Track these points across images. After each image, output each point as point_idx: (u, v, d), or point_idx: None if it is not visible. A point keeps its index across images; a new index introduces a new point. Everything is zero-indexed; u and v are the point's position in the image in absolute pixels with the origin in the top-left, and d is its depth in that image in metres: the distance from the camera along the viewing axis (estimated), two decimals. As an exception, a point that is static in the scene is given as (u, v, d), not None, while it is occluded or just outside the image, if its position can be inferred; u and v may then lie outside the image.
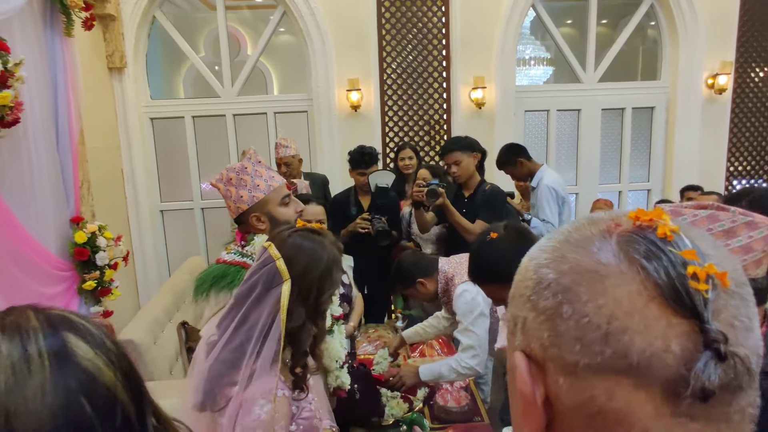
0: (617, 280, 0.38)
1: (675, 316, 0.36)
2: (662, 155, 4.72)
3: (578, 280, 0.40)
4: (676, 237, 0.39)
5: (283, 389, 1.13)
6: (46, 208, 2.33)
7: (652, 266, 0.38)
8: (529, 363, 0.42)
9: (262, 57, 4.78)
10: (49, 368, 0.47)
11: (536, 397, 0.41)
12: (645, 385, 0.36)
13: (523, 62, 5.98)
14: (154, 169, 4.44)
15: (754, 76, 4.51)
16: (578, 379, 0.39)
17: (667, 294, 0.37)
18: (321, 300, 1.18)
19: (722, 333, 0.35)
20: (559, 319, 0.40)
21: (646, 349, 0.36)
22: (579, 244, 0.42)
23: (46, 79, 2.38)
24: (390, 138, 4.41)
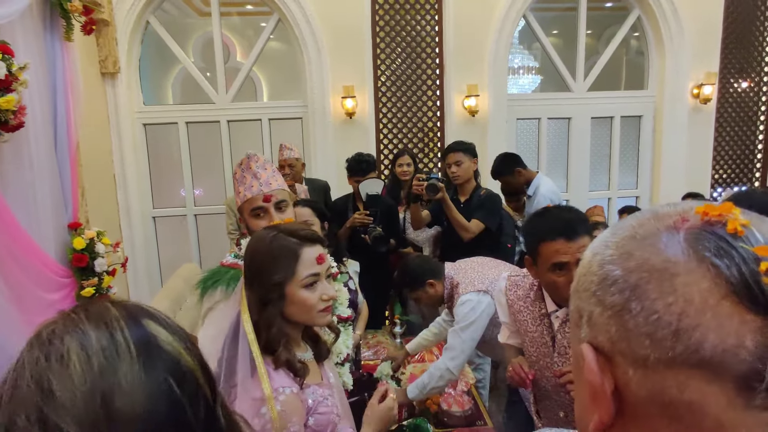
0: (687, 278, 0.39)
1: (748, 312, 0.37)
2: (650, 162, 4.83)
3: (647, 278, 0.40)
4: (747, 232, 0.39)
5: (291, 386, 1.13)
6: (46, 213, 2.30)
7: (724, 263, 0.38)
8: (597, 354, 0.43)
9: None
10: (136, 351, 0.49)
11: (605, 387, 0.43)
12: (718, 379, 0.37)
13: (513, 71, 6.08)
14: (147, 175, 4.40)
15: (737, 86, 4.66)
16: (649, 371, 0.40)
17: (740, 291, 0.37)
18: (264, 289, 1.17)
19: None
20: (628, 315, 0.41)
21: (719, 345, 0.37)
22: (646, 241, 0.42)
23: (45, 83, 2.36)
24: (384, 145, 4.44)
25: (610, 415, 0.43)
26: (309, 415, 1.17)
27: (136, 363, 0.48)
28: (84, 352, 0.47)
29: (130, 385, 0.47)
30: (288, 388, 1.13)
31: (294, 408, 1.12)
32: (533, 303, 1.65)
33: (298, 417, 1.13)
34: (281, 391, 1.11)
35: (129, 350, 0.49)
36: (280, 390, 1.11)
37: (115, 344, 0.48)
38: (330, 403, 1.22)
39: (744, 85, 4.66)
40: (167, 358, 0.51)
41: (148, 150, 4.39)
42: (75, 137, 2.57)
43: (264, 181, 1.61)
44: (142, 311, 0.54)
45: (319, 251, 1.23)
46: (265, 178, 1.62)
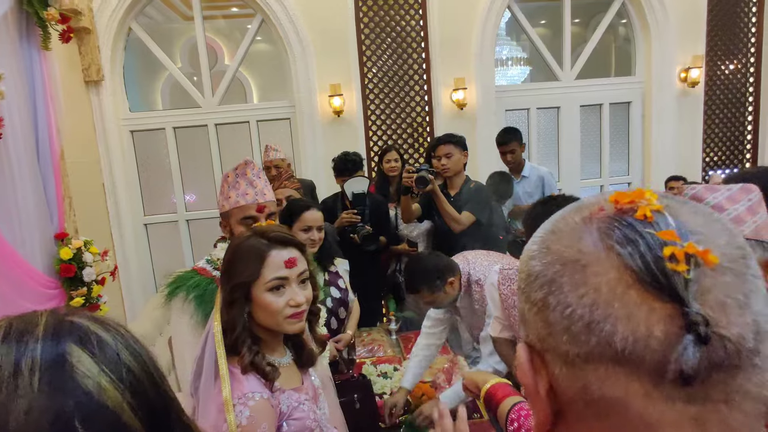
0: (597, 268, 0.38)
1: (656, 300, 0.35)
2: (640, 148, 4.83)
3: (561, 271, 0.40)
4: (658, 217, 0.38)
5: (261, 392, 1.11)
6: (31, 225, 2.28)
7: (627, 251, 0.37)
8: (531, 354, 0.43)
9: (241, 66, 4.75)
10: (38, 384, 0.44)
11: (539, 388, 0.42)
12: (633, 371, 0.36)
13: (501, 63, 6.06)
14: (136, 182, 4.37)
15: (724, 69, 4.65)
16: (573, 368, 0.39)
17: (645, 279, 0.36)
18: (228, 288, 1.16)
19: (702, 315, 0.34)
20: (548, 310, 0.40)
21: (630, 336, 0.36)
22: (562, 234, 0.42)
23: (24, 93, 2.33)
24: (374, 142, 4.42)
25: (547, 417, 0.42)
26: (283, 421, 1.15)
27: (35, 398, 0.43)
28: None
29: (20, 424, 0.42)
30: (258, 393, 1.10)
31: (264, 414, 1.09)
32: None
33: (269, 423, 1.10)
34: (250, 396, 1.09)
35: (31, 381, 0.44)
36: (249, 395, 1.08)
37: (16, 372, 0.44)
38: (306, 408, 1.19)
39: (731, 67, 4.65)
40: (80, 393, 0.45)
41: (137, 157, 4.36)
42: (58, 147, 2.55)
43: (259, 190, 1.60)
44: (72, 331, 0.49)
45: (290, 254, 1.18)
46: (260, 188, 1.60)
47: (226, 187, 1.61)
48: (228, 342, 1.13)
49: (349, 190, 2.97)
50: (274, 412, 1.13)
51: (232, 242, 1.23)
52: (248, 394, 1.08)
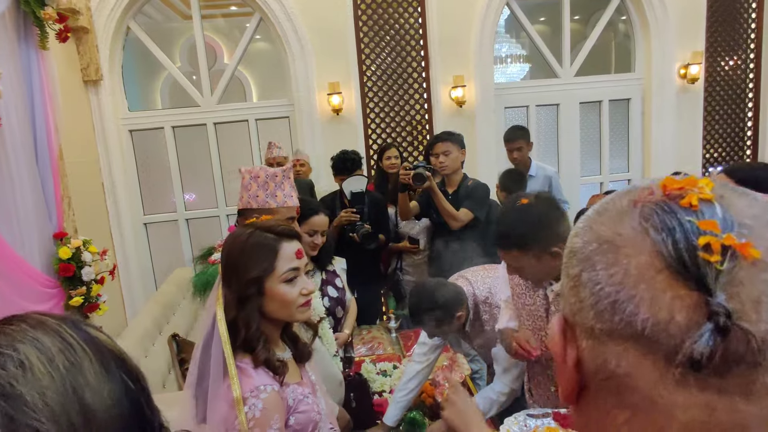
0: (629, 250, 0.39)
1: (683, 288, 0.36)
2: (640, 145, 4.82)
3: (597, 249, 0.41)
4: (705, 206, 0.38)
5: (272, 384, 1.13)
6: (29, 225, 2.28)
7: (661, 237, 0.37)
8: (564, 325, 0.44)
9: (240, 65, 4.75)
10: (90, 351, 0.49)
11: (567, 358, 0.43)
12: (650, 352, 0.37)
13: (500, 60, 6.06)
14: (136, 181, 4.38)
15: (723, 65, 4.64)
16: (597, 343, 0.40)
17: (675, 266, 0.36)
18: (241, 285, 1.17)
19: (725, 307, 0.34)
20: (581, 285, 0.41)
21: (651, 318, 0.36)
22: (606, 215, 0.42)
23: (22, 92, 2.33)
24: (373, 140, 4.42)
25: (573, 387, 0.43)
26: (290, 415, 1.17)
27: (95, 362, 0.48)
28: (44, 355, 0.47)
29: (96, 382, 0.47)
30: (269, 385, 1.12)
31: (276, 406, 1.11)
32: None
33: (280, 415, 1.12)
34: (263, 389, 1.10)
35: (84, 350, 0.49)
36: (261, 388, 1.10)
37: (70, 346, 0.48)
38: (310, 401, 1.21)
39: (731, 63, 4.64)
40: (115, 357, 0.51)
41: (136, 156, 4.36)
42: (56, 146, 2.55)
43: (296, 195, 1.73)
44: (77, 319, 0.54)
45: (297, 246, 1.23)
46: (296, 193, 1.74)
47: (273, 185, 1.66)
48: (240, 339, 1.14)
49: (347, 189, 2.97)
50: (284, 405, 1.15)
51: (233, 239, 1.22)
52: (260, 387, 1.10)
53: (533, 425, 1.37)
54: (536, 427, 1.35)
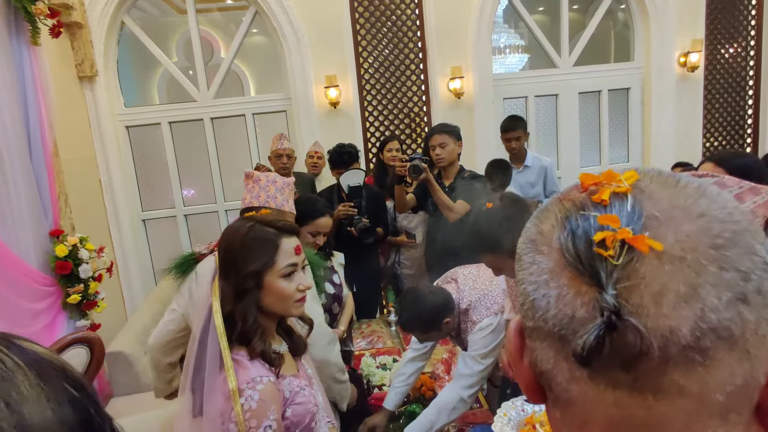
0: (545, 248, 0.39)
1: (583, 284, 0.36)
2: (640, 135, 4.79)
3: (524, 249, 0.42)
4: (616, 200, 0.37)
5: (268, 375, 1.13)
6: (24, 222, 2.26)
7: (565, 234, 0.37)
8: (522, 327, 0.44)
9: (237, 59, 4.72)
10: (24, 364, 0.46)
11: (522, 356, 0.43)
12: (562, 349, 0.37)
13: (499, 51, 6.01)
14: (133, 178, 4.36)
15: (723, 53, 4.60)
16: (530, 341, 0.41)
17: (573, 262, 0.36)
18: (240, 278, 1.17)
19: (610, 302, 0.34)
20: (518, 284, 0.42)
21: (558, 315, 0.37)
22: (539, 213, 0.43)
23: (15, 89, 2.31)
24: (371, 133, 4.39)
25: (530, 383, 0.43)
26: (286, 407, 1.16)
27: (31, 374, 0.46)
28: None
29: (33, 394, 0.44)
30: (265, 377, 1.12)
31: (272, 397, 1.11)
32: None
33: (277, 406, 1.12)
34: (259, 380, 1.10)
35: (17, 364, 0.46)
36: (257, 379, 1.10)
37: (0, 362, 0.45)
38: (307, 393, 1.22)
39: (731, 51, 4.60)
40: (56, 367, 0.48)
41: (133, 152, 4.34)
42: (50, 143, 2.53)
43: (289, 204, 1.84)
44: (7, 334, 0.51)
45: (296, 242, 1.24)
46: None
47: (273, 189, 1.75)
48: (237, 332, 1.15)
49: (345, 183, 2.95)
50: (280, 396, 1.16)
51: (233, 232, 1.22)
52: (256, 378, 1.10)
53: (530, 410, 1.37)
54: (534, 412, 1.35)
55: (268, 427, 1.08)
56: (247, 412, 1.07)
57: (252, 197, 1.71)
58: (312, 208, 2.08)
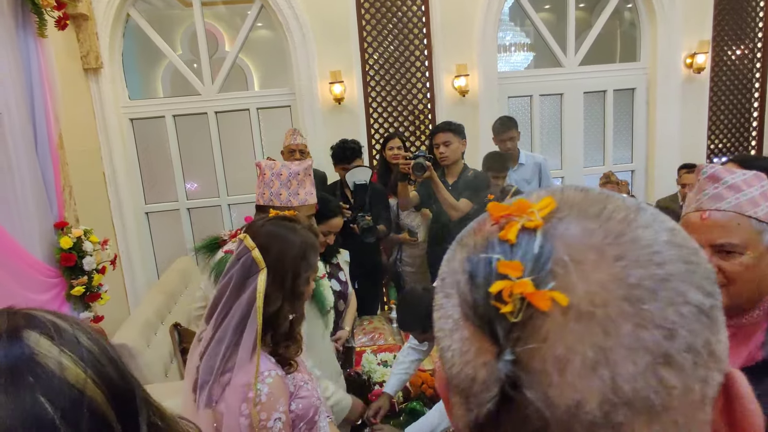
0: (451, 291, 0.34)
1: (485, 341, 0.30)
2: (644, 135, 4.78)
3: (437, 288, 0.36)
4: (524, 238, 0.31)
5: (275, 369, 1.15)
6: (30, 214, 2.27)
7: (466, 279, 0.32)
8: None
9: (242, 53, 4.71)
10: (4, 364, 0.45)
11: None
12: (469, 410, 0.32)
13: (504, 49, 6.00)
14: (137, 170, 4.36)
15: (731, 54, 4.58)
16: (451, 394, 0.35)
17: (471, 315, 0.31)
18: (297, 283, 1.21)
19: (506, 370, 0.29)
20: None
21: (461, 374, 0.32)
22: (458, 241, 0.37)
23: (21, 81, 2.31)
24: (375, 129, 4.39)
25: None
26: (291, 400, 1.18)
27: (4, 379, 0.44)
28: None
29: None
30: (273, 371, 1.14)
31: (280, 390, 1.13)
32: None
33: (285, 399, 1.14)
34: (267, 374, 1.12)
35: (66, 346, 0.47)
36: (266, 373, 1.12)
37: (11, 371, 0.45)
38: (310, 387, 1.24)
39: (738, 53, 4.58)
40: (43, 375, 0.46)
41: (137, 145, 4.35)
42: (56, 135, 2.53)
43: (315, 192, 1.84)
44: (28, 320, 0.50)
45: None
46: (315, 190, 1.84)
47: (296, 183, 1.72)
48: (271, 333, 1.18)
49: (350, 180, 2.94)
50: (288, 390, 1.17)
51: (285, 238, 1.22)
52: (264, 372, 1.12)
53: None
54: None
55: (278, 419, 1.10)
56: (256, 405, 1.08)
57: (272, 194, 1.71)
58: (326, 208, 2.10)
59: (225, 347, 1.13)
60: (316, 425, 1.24)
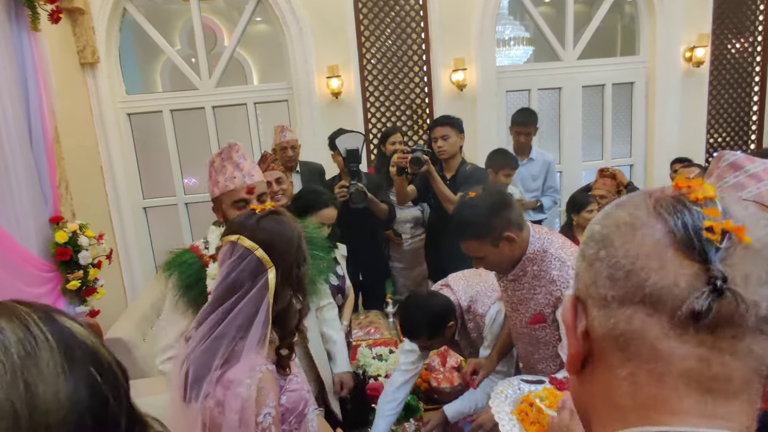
0: (645, 230, 0.47)
1: (687, 259, 0.44)
2: (643, 130, 4.76)
3: (615, 230, 0.49)
4: (707, 200, 0.47)
5: (265, 363, 1.14)
6: (25, 209, 2.27)
7: (673, 220, 0.46)
8: (576, 302, 0.53)
9: (241, 48, 4.70)
10: (55, 342, 0.48)
11: (576, 327, 0.51)
12: (655, 312, 0.45)
13: (504, 43, 5.96)
14: (134, 165, 4.36)
15: (730, 47, 4.55)
16: (607, 309, 0.48)
17: (682, 242, 0.45)
18: (301, 276, 1.22)
19: (722, 272, 0.43)
20: (598, 262, 0.50)
21: (658, 283, 0.45)
22: (623, 205, 0.51)
23: (14, 75, 2.30)
24: (372, 124, 4.38)
25: (579, 353, 0.51)
26: (281, 394, 1.18)
27: (57, 353, 0.48)
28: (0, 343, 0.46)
29: (52, 374, 0.46)
30: (263, 365, 1.13)
31: (271, 385, 1.13)
32: None
33: (274, 394, 1.14)
34: (258, 369, 1.11)
35: (47, 341, 0.48)
36: (256, 368, 1.11)
37: (32, 336, 0.48)
38: (300, 380, 1.24)
39: (737, 46, 4.55)
40: (86, 349, 0.50)
41: (135, 140, 4.34)
42: (51, 130, 2.53)
43: (246, 172, 1.60)
44: (51, 308, 0.53)
45: None
46: (247, 170, 1.60)
47: (213, 172, 1.61)
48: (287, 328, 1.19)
49: (342, 146, 2.84)
50: (278, 384, 1.17)
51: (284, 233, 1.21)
52: (255, 367, 1.11)
53: (527, 389, 1.40)
54: (530, 391, 1.38)
55: (268, 414, 1.10)
56: (245, 400, 1.08)
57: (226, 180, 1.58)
58: (316, 200, 2.07)
59: (225, 344, 1.13)
60: (305, 418, 1.24)
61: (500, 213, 1.54)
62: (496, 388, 1.46)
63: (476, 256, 1.59)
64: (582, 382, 0.53)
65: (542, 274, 1.58)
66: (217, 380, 1.11)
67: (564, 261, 1.56)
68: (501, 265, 1.64)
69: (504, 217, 1.53)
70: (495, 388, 1.46)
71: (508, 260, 1.60)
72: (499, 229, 1.52)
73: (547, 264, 1.57)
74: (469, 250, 1.59)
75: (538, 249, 1.59)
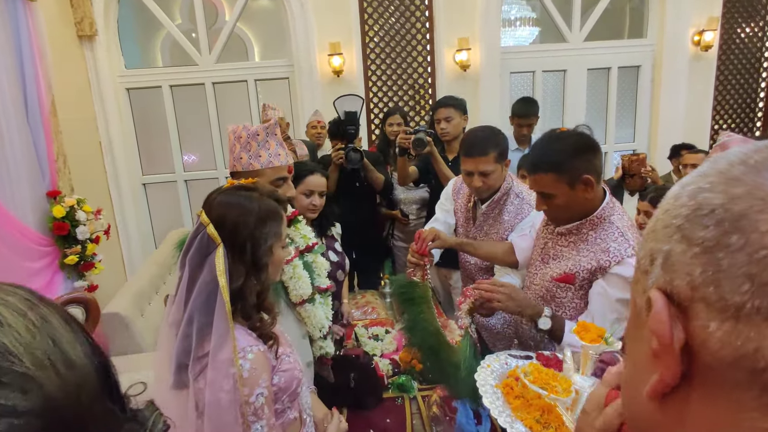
0: None
1: None
2: (648, 114, 4.70)
3: (759, 206, 0.33)
4: None
5: (257, 344, 1.13)
6: (21, 182, 2.26)
7: None
8: (669, 302, 0.36)
9: (242, 24, 4.62)
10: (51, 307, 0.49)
11: (674, 341, 0.36)
12: None
13: (509, 23, 5.86)
14: (134, 141, 4.33)
15: (740, 32, 4.47)
16: (741, 325, 0.32)
17: None
18: (258, 254, 1.16)
19: None
20: (723, 251, 0.33)
21: None
22: (761, 165, 0.34)
23: (9, 46, 2.27)
24: (374, 103, 4.33)
25: (675, 377, 0.36)
26: (274, 374, 1.17)
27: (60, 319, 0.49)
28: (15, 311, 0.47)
29: (69, 336, 0.47)
30: (255, 346, 1.12)
31: (263, 366, 1.12)
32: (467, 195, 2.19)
33: (267, 374, 1.13)
34: (249, 350, 1.10)
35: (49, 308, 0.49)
36: (247, 349, 1.10)
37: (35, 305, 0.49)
38: (292, 359, 1.22)
39: (747, 31, 4.46)
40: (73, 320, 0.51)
41: (134, 115, 4.30)
42: (47, 102, 2.50)
43: (286, 152, 1.63)
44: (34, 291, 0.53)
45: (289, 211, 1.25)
46: (285, 150, 1.64)
47: (255, 145, 1.58)
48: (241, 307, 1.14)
49: (341, 108, 2.80)
50: (270, 364, 1.16)
51: (242, 207, 1.17)
52: (246, 348, 1.10)
53: (513, 364, 1.38)
54: (516, 366, 1.35)
55: (260, 394, 1.09)
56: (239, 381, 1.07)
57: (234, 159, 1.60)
58: (300, 169, 2.05)
59: (197, 328, 1.11)
60: (298, 396, 1.24)
61: (586, 154, 1.45)
62: (482, 361, 1.43)
63: (546, 192, 1.48)
64: (665, 409, 0.38)
65: (598, 242, 1.49)
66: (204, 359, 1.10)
67: (627, 237, 1.45)
68: (565, 213, 1.52)
69: (589, 160, 1.45)
70: (482, 362, 1.43)
71: (575, 209, 1.50)
72: (581, 170, 1.43)
73: (607, 234, 1.48)
74: (541, 184, 1.49)
75: (604, 215, 1.50)
